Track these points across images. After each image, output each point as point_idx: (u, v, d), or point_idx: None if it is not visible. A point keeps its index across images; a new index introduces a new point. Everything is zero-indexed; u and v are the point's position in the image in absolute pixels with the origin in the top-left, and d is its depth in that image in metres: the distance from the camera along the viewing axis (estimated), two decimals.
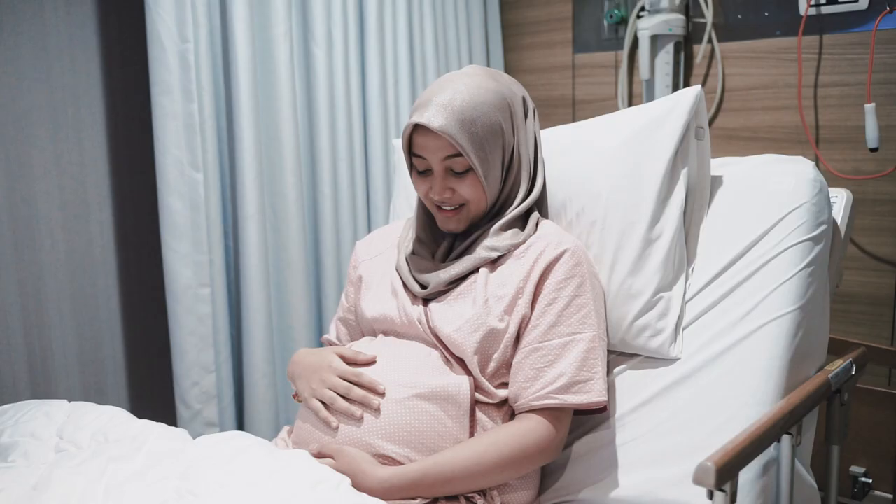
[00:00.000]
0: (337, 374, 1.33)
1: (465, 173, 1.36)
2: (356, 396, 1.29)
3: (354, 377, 1.32)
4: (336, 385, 1.32)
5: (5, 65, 1.87)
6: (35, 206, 1.95)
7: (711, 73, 2.21)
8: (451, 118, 1.31)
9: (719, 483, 1.04)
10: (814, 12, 2.00)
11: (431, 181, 1.38)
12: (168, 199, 1.87)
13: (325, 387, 1.33)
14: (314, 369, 1.37)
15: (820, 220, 1.40)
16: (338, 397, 1.31)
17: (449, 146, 1.33)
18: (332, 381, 1.33)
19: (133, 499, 1.12)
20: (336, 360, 1.36)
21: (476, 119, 1.33)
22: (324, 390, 1.33)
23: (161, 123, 1.85)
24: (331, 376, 1.33)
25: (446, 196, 1.38)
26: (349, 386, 1.31)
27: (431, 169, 1.38)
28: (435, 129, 1.31)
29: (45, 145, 1.95)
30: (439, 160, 1.35)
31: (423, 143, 1.35)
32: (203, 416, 1.95)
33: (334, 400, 1.30)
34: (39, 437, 1.35)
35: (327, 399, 1.31)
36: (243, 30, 1.93)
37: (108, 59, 2.03)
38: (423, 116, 1.32)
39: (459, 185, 1.37)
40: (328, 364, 1.36)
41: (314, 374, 1.36)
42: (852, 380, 1.43)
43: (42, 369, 1.99)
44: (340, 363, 1.35)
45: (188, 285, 1.90)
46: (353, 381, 1.32)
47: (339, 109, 2.18)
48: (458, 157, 1.34)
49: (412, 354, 1.36)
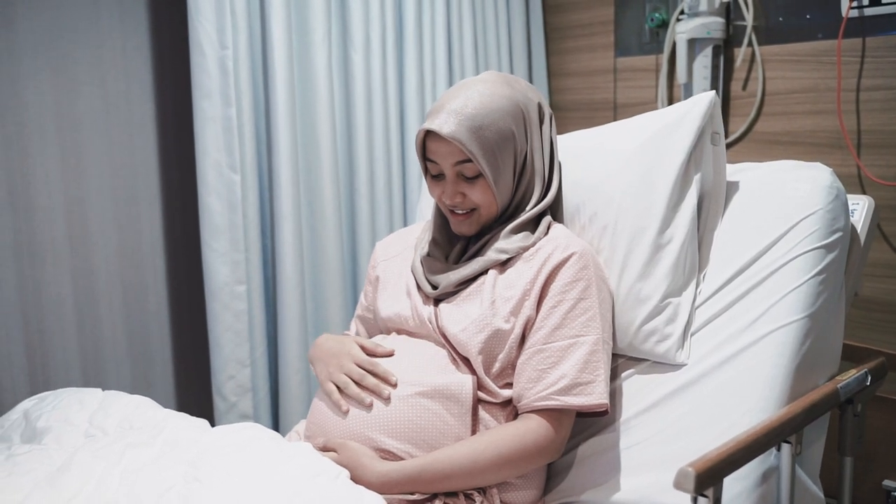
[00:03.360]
0: (354, 362, 1.38)
1: (476, 178, 1.39)
2: (369, 384, 1.34)
3: (370, 366, 1.37)
4: (351, 371, 1.37)
5: (63, 71, 1.98)
6: (88, 205, 2.06)
7: (752, 76, 2.18)
8: (461, 125, 1.34)
9: (699, 488, 1.04)
10: (855, 14, 1.96)
11: (444, 185, 1.42)
12: (207, 199, 1.96)
13: (341, 372, 1.38)
14: (333, 354, 1.43)
15: (834, 227, 1.38)
16: (351, 382, 1.36)
17: (459, 152, 1.36)
18: (349, 366, 1.38)
19: (145, 482, 1.19)
20: (356, 348, 1.42)
21: (487, 125, 1.36)
22: (339, 374, 1.38)
23: (201, 126, 1.94)
24: (348, 362, 1.39)
25: (457, 200, 1.41)
26: (363, 373, 1.36)
27: (444, 173, 1.41)
28: (445, 136, 1.34)
29: (99, 147, 2.06)
30: (450, 165, 1.38)
31: (434, 149, 1.39)
32: (238, 409, 2.03)
33: (347, 385, 1.36)
34: (72, 422, 1.44)
35: (341, 383, 1.37)
36: (281, 36, 1.99)
37: (159, 65, 2.13)
38: (434, 122, 1.36)
39: (470, 189, 1.40)
40: (347, 351, 1.41)
41: (333, 358, 1.42)
42: (867, 390, 1.40)
43: (93, 360, 2.10)
44: (359, 352, 1.41)
45: (225, 282, 1.98)
46: (369, 369, 1.37)
47: (377, 112, 2.23)
48: (468, 163, 1.37)
49: (420, 353, 1.39)
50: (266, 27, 2.01)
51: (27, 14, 1.91)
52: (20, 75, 1.92)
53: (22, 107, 1.92)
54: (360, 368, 1.37)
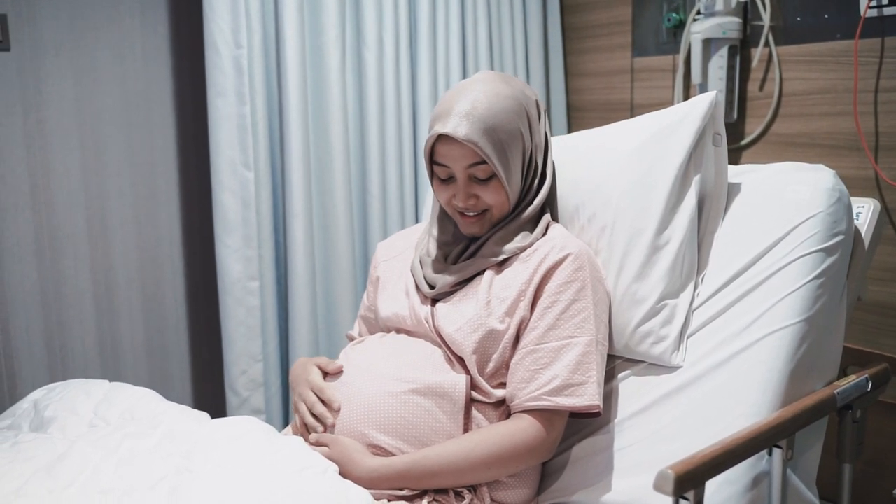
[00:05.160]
0: (310, 387, 1.43)
1: (489, 180, 1.39)
2: (318, 412, 1.39)
3: (319, 392, 1.41)
4: (307, 398, 1.42)
5: (85, 69, 2.03)
6: (108, 201, 2.11)
7: (769, 77, 2.15)
8: (474, 126, 1.34)
9: (678, 491, 1.04)
10: (874, 14, 1.92)
11: (455, 189, 1.41)
12: (221, 196, 1.99)
13: (300, 400, 1.44)
14: (298, 381, 1.47)
15: (835, 230, 1.36)
16: (307, 412, 1.41)
17: (473, 154, 1.36)
18: (305, 394, 1.43)
19: (138, 472, 1.22)
20: (313, 373, 1.45)
21: (498, 126, 1.36)
22: (300, 403, 1.44)
23: (216, 124, 1.97)
24: (305, 390, 1.43)
25: (470, 203, 1.41)
26: (315, 401, 1.40)
27: (454, 176, 1.41)
28: (461, 139, 1.34)
29: (119, 145, 2.11)
30: (463, 168, 1.38)
31: (445, 152, 1.38)
32: (250, 404, 2.06)
33: (304, 414, 1.41)
34: (77, 412, 1.47)
35: (301, 412, 1.42)
36: (294, 36, 2.02)
37: (178, 65, 2.17)
38: (446, 126, 1.35)
39: (483, 191, 1.40)
40: (306, 378, 1.45)
41: (297, 385, 1.47)
42: (867, 396, 1.38)
43: (111, 353, 2.15)
44: (315, 377, 1.44)
45: (238, 278, 2.01)
46: (318, 396, 1.41)
47: (390, 112, 2.24)
48: (481, 165, 1.37)
49: (415, 351, 1.41)
50: (280, 27, 2.03)
51: (50, 13, 1.96)
52: (43, 73, 1.97)
53: (44, 104, 1.98)
54: (313, 395, 1.41)
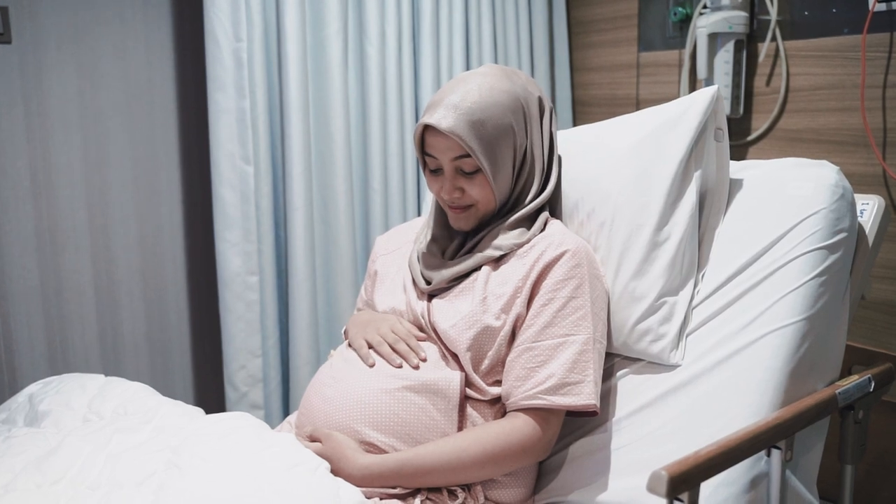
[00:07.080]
0: (392, 329, 1.40)
1: (474, 174, 1.38)
2: (401, 349, 1.36)
3: (406, 336, 1.38)
4: (386, 334, 1.39)
5: (86, 62, 2.02)
6: (109, 195, 2.10)
7: (776, 72, 2.12)
8: (460, 119, 1.33)
9: (672, 493, 1.01)
10: (883, 8, 1.88)
11: (442, 180, 1.41)
12: (220, 190, 1.98)
13: (377, 333, 1.41)
14: (372, 320, 1.45)
15: (838, 227, 1.33)
16: (384, 342, 1.38)
17: (458, 147, 1.35)
18: (385, 330, 1.40)
19: (127, 467, 1.21)
20: (398, 321, 1.43)
21: (486, 120, 1.34)
22: (374, 335, 1.41)
23: (215, 118, 1.96)
24: (386, 328, 1.41)
25: (455, 196, 1.40)
26: (398, 339, 1.38)
27: (442, 168, 1.40)
28: (444, 131, 1.33)
29: (120, 138, 2.10)
30: (449, 160, 1.37)
31: (433, 143, 1.38)
32: (249, 399, 2.05)
33: (381, 344, 1.38)
34: (72, 406, 1.46)
35: (374, 342, 1.39)
36: (295, 29, 2.00)
37: (180, 59, 2.16)
38: (432, 117, 1.35)
39: (468, 185, 1.39)
40: (387, 319, 1.43)
41: (371, 324, 1.44)
42: (870, 397, 1.35)
43: (112, 347, 2.14)
44: (399, 324, 1.42)
45: (237, 273, 2.00)
46: (404, 338, 1.38)
47: (392, 107, 2.22)
48: (467, 158, 1.36)
49: None
50: (280, 20, 2.02)
51: (51, 6, 1.95)
52: (44, 66, 1.96)
53: (45, 97, 1.97)
54: (395, 335, 1.39)
